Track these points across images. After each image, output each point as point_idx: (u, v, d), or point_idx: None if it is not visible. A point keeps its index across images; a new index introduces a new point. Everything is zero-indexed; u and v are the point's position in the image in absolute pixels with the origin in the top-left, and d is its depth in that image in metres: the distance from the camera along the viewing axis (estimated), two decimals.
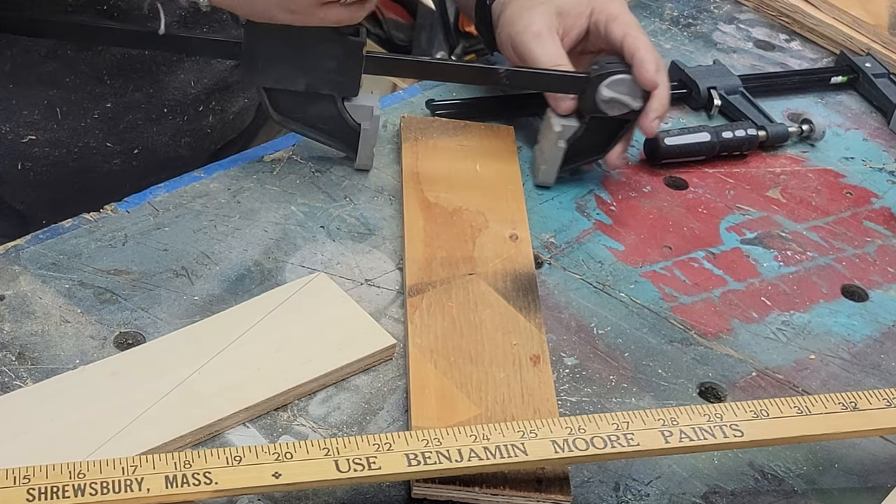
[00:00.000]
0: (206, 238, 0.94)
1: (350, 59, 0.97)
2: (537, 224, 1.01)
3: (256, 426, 0.80)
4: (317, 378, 0.82)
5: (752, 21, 1.38)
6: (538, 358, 0.85)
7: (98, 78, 1.07)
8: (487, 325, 0.88)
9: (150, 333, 0.85)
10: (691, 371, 0.90)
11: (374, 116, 1.00)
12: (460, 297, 0.90)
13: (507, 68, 1.02)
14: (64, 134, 1.08)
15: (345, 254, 0.95)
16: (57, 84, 1.06)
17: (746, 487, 0.81)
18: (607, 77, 0.99)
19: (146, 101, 1.10)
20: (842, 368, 0.92)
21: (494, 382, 0.83)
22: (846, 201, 1.11)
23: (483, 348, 0.86)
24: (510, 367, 0.84)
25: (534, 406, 0.82)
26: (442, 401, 0.81)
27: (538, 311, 0.90)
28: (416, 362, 0.84)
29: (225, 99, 1.16)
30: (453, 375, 0.83)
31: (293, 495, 0.75)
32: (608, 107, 1.00)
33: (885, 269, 1.03)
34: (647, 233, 1.03)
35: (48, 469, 0.69)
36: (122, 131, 1.10)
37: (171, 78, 1.10)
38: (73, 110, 1.08)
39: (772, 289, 0.99)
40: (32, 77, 1.06)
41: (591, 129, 1.02)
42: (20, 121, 1.07)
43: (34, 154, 1.09)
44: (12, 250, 0.90)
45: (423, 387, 0.82)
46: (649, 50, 1.00)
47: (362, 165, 1.03)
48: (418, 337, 0.86)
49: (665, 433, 0.76)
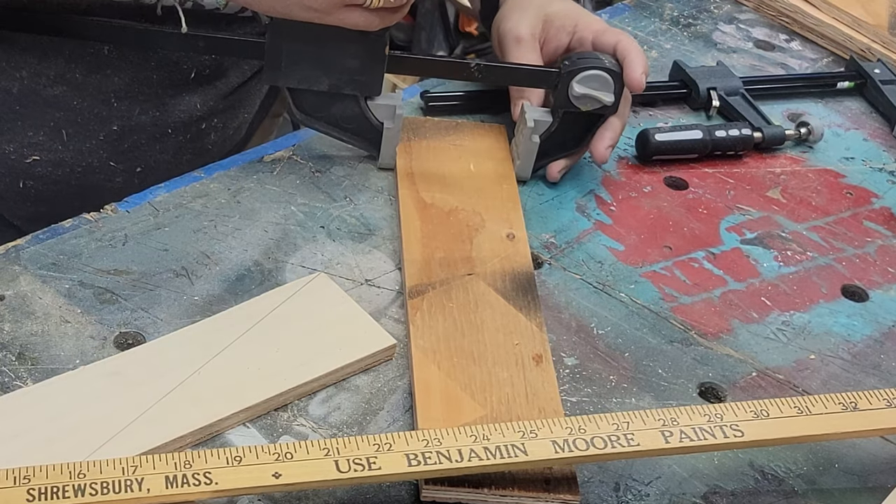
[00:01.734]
0: (206, 238, 0.94)
1: (373, 58, 0.97)
2: (537, 224, 1.01)
3: (256, 426, 0.80)
4: (317, 378, 0.82)
5: (752, 21, 1.38)
6: (540, 357, 0.85)
7: (105, 101, 1.07)
8: (489, 325, 0.88)
9: (150, 333, 0.85)
10: (691, 371, 0.90)
11: (396, 115, 1.00)
12: (460, 297, 0.90)
13: (479, 62, 1.03)
14: (68, 155, 1.08)
15: (345, 254, 0.95)
16: (63, 107, 1.06)
17: (746, 487, 0.81)
18: (579, 73, 1.00)
19: (152, 124, 1.10)
20: (842, 368, 0.92)
21: (498, 383, 0.83)
22: (846, 201, 1.11)
23: (485, 349, 0.86)
24: (513, 367, 0.84)
25: (538, 406, 0.81)
26: (447, 402, 0.81)
27: (538, 310, 0.90)
28: (420, 364, 0.84)
29: (227, 116, 1.16)
30: (457, 377, 0.83)
31: (293, 495, 0.75)
32: (580, 102, 1.01)
33: (885, 269, 1.03)
34: (647, 233, 1.03)
35: (48, 469, 0.69)
36: (125, 150, 1.10)
37: (177, 101, 1.10)
38: (79, 132, 1.08)
39: (772, 289, 0.99)
40: (40, 100, 1.06)
41: (564, 124, 1.03)
42: (24, 141, 1.07)
43: (36, 173, 1.09)
44: (12, 250, 0.90)
45: (427, 389, 0.82)
46: (640, 54, 1.01)
47: (385, 164, 1.03)
48: (420, 339, 0.86)
49: (665, 433, 0.75)
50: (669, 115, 1.19)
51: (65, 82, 1.05)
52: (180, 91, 1.10)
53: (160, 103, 1.09)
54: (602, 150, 1.03)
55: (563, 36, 1.05)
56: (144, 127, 1.10)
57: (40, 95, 1.05)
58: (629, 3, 1.38)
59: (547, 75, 1.02)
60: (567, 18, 1.05)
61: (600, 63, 1.00)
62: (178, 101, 1.10)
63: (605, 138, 1.03)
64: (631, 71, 1.00)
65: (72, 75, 1.05)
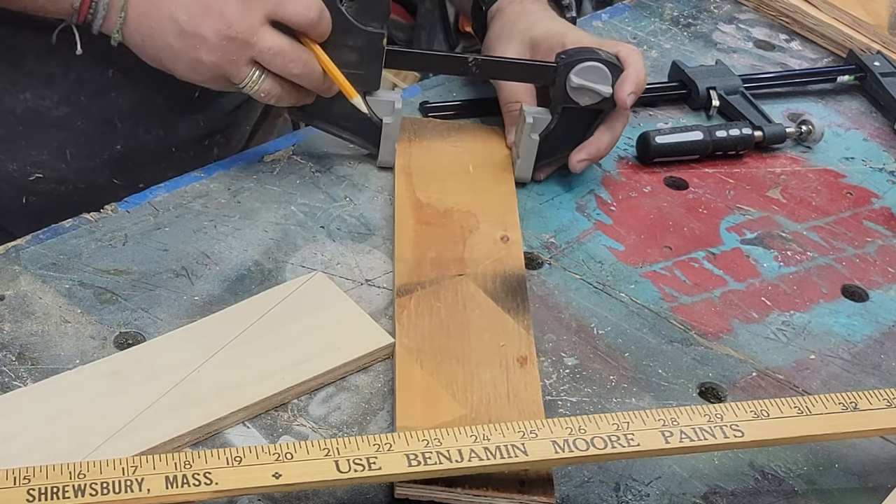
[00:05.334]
0: (206, 238, 0.94)
1: (371, 52, 0.97)
2: (537, 224, 1.01)
3: (256, 426, 0.80)
4: (315, 377, 0.82)
5: (752, 21, 1.38)
6: (525, 359, 0.85)
7: (109, 122, 1.06)
8: (475, 325, 0.88)
9: (150, 333, 0.85)
10: (691, 371, 0.90)
11: (395, 111, 1.01)
12: (449, 297, 0.90)
13: (476, 57, 1.03)
14: (71, 173, 1.08)
15: (345, 254, 0.95)
16: (67, 127, 1.06)
17: (747, 488, 0.81)
18: (576, 65, 1.00)
19: (156, 143, 1.09)
20: (842, 368, 0.92)
21: (480, 383, 0.83)
22: (846, 201, 1.11)
23: (470, 349, 0.86)
24: (497, 368, 0.84)
25: (519, 407, 0.81)
26: (427, 401, 0.81)
27: (527, 312, 0.89)
28: (403, 362, 0.84)
29: (230, 132, 1.16)
30: (439, 375, 0.83)
31: (293, 495, 0.75)
32: (578, 95, 1.01)
33: (885, 269, 1.03)
34: (647, 233, 1.03)
35: (48, 469, 0.69)
36: (129, 168, 1.09)
37: (181, 120, 1.10)
38: (82, 152, 1.07)
39: (772, 289, 0.99)
40: (44, 121, 1.05)
41: (564, 121, 1.02)
42: (28, 160, 1.07)
43: (39, 190, 1.08)
44: (12, 250, 0.90)
45: (408, 386, 0.82)
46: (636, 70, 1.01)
47: (384, 162, 1.03)
48: (405, 337, 0.86)
49: (665, 433, 0.75)
50: (669, 116, 1.19)
51: (69, 104, 1.05)
52: (184, 111, 1.10)
53: (165, 123, 1.09)
54: (575, 161, 1.03)
55: (552, 57, 1.04)
56: (149, 146, 1.09)
57: (45, 116, 1.05)
58: (629, 3, 1.38)
59: (544, 69, 1.02)
60: (553, 39, 1.04)
61: (597, 55, 1.00)
62: (183, 120, 1.10)
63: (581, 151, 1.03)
64: (619, 90, 1.00)
65: (76, 98, 1.04)
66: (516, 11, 1.09)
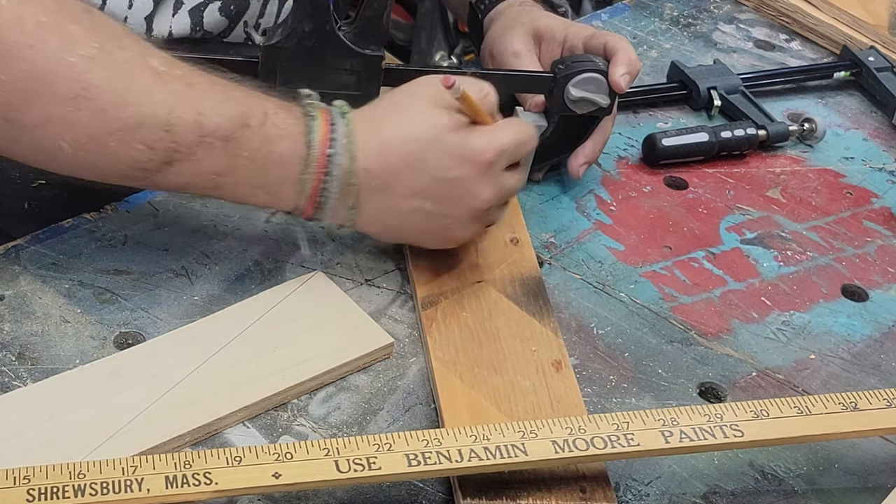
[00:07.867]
0: (206, 238, 0.94)
1: (368, 74, 0.97)
2: (537, 224, 1.01)
3: (256, 426, 0.80)
4: (315, 377, 0.82)
5: (752, 21, 1.38)
6: (559, 363, 0.85)
7: None
8: (504, 333, 0.87)
9: (150, 333, 0.85)
10: (691, 371, 0.90)
11: None
12: (473, 306, 0.90)
13: (475, 70, 1.03)
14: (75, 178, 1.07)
15: (345, 254, 0.95)
16: None
17: (746, 487, 0.81)
18: (574, 76, 1.00)
19: None
20: (842, 368, 0.92)
21: (522, 392, 0.82)
22: (846, 201, 1.11)
23: (504, 357, 0.85)
24: (534, 375, 0.84)
25: (564, 413, 0.81)
26: (473, 415, 0.80)
27: (551, 314, 0.89)
28: (442, 377, 0.83)
29: None
30: (480, 388, 0.83)
31: (293, 495, 0.75)
32: (577, 105, 1.01)
33: (885, 269, 1.03)
34: (647, 233, 1.03)
35: (48, 469, 0.69)
36: None
37: None
38: None
39: (772, 289, 0.99)
40: None
41: (560, 128, 1.03)
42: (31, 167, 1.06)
43: (42, 195, 1.08)
44: (12, 250, 0.90)
45: (453, 402, 0.81)
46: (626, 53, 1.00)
47: None
48: (439, 350, 0.85)
49: (665, 433, 0.75)
50: (669, 116, 1.19)
51: None
52: None
53: None
54: (576, 167, 1.03)
55: (555, 47, 1.06)
56: None
57: None
58: (629, 3, 1.38)
59: (542, 80, 1.02)
60: (557, 30, 1.06)
61: (595, 66, 1.00)
62: None
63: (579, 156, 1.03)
64: (612, 72, 1.00)
65: None
66: (516, 11, 1.10)
